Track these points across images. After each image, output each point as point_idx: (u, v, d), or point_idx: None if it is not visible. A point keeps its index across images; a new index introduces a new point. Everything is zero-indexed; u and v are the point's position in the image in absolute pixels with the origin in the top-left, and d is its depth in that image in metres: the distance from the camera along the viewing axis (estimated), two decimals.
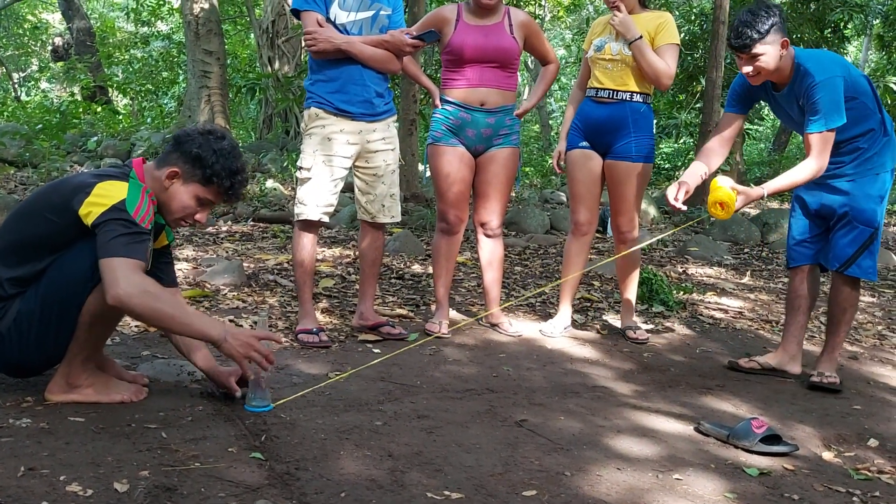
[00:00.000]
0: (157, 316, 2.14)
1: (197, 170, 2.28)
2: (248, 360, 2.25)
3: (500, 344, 3.42)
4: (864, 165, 3.02)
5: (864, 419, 2.78)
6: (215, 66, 10.51)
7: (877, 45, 14.64)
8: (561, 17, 19.42)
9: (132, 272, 2.09)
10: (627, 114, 3.45)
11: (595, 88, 3.49)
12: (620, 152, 3.48)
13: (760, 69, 2.90)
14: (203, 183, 2.29)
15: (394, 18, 3.26)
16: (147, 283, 2.12)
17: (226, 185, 2.31)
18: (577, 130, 3.58)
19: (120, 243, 2.10)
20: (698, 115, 10.73)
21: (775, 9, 2.90)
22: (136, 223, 2.15)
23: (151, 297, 2.10)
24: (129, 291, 2.06)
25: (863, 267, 3.06)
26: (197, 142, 2.28)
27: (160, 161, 2.32)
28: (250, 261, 4.75)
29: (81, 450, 1.95)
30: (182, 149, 2.29)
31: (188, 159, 2.28)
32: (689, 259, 6.21)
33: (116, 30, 19.61)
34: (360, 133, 3.21)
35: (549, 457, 2.18)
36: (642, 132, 3.48)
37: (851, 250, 3.04)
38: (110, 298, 2.07)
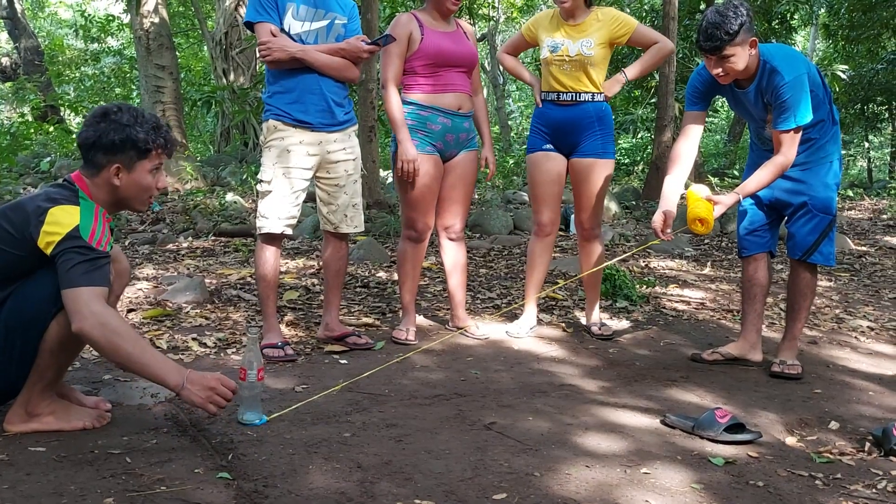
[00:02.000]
0: (115, 351, 2.09)
1: (130, 151, 2.23)
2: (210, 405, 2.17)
3: (468, 347, 3.43)
4: (816, 154, 3.09)
5: (824, 402, 2.84)
6: (169, 81, 10.38)
7: (823, 34, 15.01)
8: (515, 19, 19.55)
9: (94, 302, 2.06)
10: (591, 112, 3.50)
11: (556, 92, 3.51)
12: (588, 150, 3.53)
13: (730, 70, 2.90)
14: (144, 156, 2.25)
15: (349, 27, 3.25)
16: (109, 316, 2.09)
17: (161, 143, 2.28)
18: (539, 133, 3.59)
19: (79, 272, 2.07)
20: (653, 109, 10.89)
21: (743, 7, 2.87)
22: (93, 248, 2.11)
23: (111, 331, 2.07)
24: (91, 323, 2.04)
25: (824, 254, 3.13)
26: (108, 130, 2.22)
27: (89, 168, 2.25)
28: (212, 276, 4.70)
29: (43, 480, 1.92)
30: (99, 146, 2.22)
31: (115, 149, 2.22)
32: (651, 253, 6.28)
33: (65, 47, 19.27)
34: (319, 144, 3.19)
35: (518, 458, 2.19)
36: (607, 129, 3.56)
37: (813, 238, 3.11)
38: (74, 329, 2.06)
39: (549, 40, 3.49)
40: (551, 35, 3.50)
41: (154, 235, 6.33)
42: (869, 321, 4.20)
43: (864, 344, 3.76)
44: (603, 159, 3.54)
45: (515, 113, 22.39)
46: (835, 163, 3.12)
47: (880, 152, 20.44)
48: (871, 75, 14.09)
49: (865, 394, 2.98)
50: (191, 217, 7.14)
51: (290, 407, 2.47)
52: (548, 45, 3.49)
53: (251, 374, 2.35)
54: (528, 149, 3.66)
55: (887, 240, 7.36)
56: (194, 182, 9.25)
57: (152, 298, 4.06)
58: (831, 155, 3.11)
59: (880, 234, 7.92)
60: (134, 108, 2.30)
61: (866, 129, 15.95)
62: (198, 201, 7.84)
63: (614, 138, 3.68)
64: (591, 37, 3.44)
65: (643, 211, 8.68)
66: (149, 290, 4.23)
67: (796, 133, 2.94)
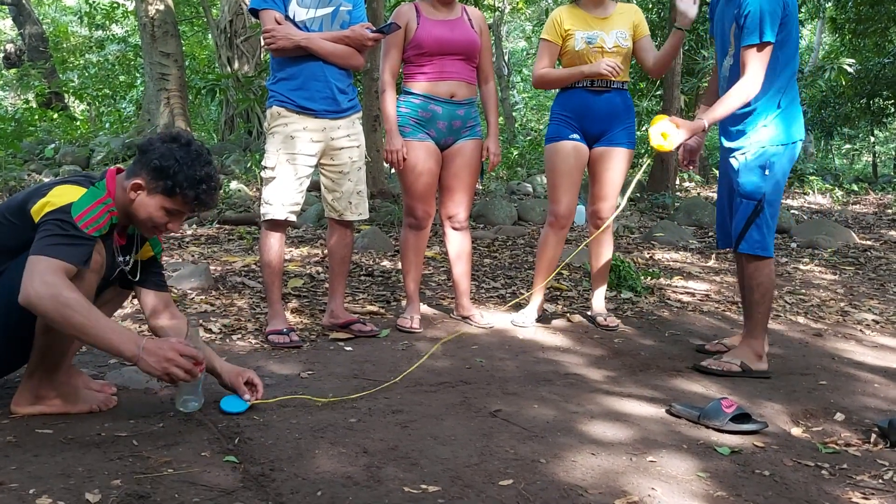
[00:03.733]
0: (66, 323, 2.00)
1: (159, 181, 2.21)
2: (168, 376, 2.11)
3: (473, 336, 3.43)
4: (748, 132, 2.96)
5: (829, 394, 2.84)
6: (173, 69, 10.37)
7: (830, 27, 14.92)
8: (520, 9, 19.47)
9: (50, 273, 1.99)
10: (620, 102, 3.50)
11: (589, 79, 3.47)
12: (615, 140, 3.52)
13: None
14: (167, 194, 2.22)
15: (355, 14, 3.24)
16: (62, 287, 1.99)
17: (190, 196, 2.23)
18: (566, 122, 3.54)
19: (47, 243, 2.03)
20: (659, 101, 10.85)
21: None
22: (76, 227, 2.08)
23: (61, 302, 1.98)
24: (40, 292, 1.96)
25: (749, 241, 2.97)
26: (158, 151, 2.21)
27: (128, 172, 2.27)
28: (217, 263, 4.70)
29: (50, 461, 1.92)
30: (144, 159, 2.23)
31: (150, 171, 2.21)
32: (655, 245, 6.28)
33: (70, 34, 19.24)
34: (323, 130, 3.18)
35: (524, 445, 2.19)
36: (632, 119, 3.57)
37: (739, 225, 2.99)
38: (21, 298, 1.98)
39: (584, 33, 3.44)
40: (584, 29, 3.45)
41: None
42: (874, 314, 4.19)
43: (869, 337, 3.76)
44: (629, 149, 3.57)
45: (520, 104, 22.34)
46: (769, 149, 2.93)
47: (886, 147, 20.40)
48: (877, 69, 14.03)
49: (871, 386, 2.97)
50: None
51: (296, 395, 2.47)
52: (584, 38, 3.44)
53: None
54: (550, 137, 3.60)
55: (892, 234, 7.35)
56: None
57: None
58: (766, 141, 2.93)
59: (885, 228, 7.91)
60: (202, 153, 2.25)
61: (872, 124, 15.90)
62: None
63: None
64: (624, 28, 3.45)
65: (647, 203, 8.67)
66: None
67: (760, 52, 2.82)
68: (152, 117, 10.65)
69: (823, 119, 15.41)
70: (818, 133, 16.47)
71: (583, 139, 3.54)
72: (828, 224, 7.23)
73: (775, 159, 2.95)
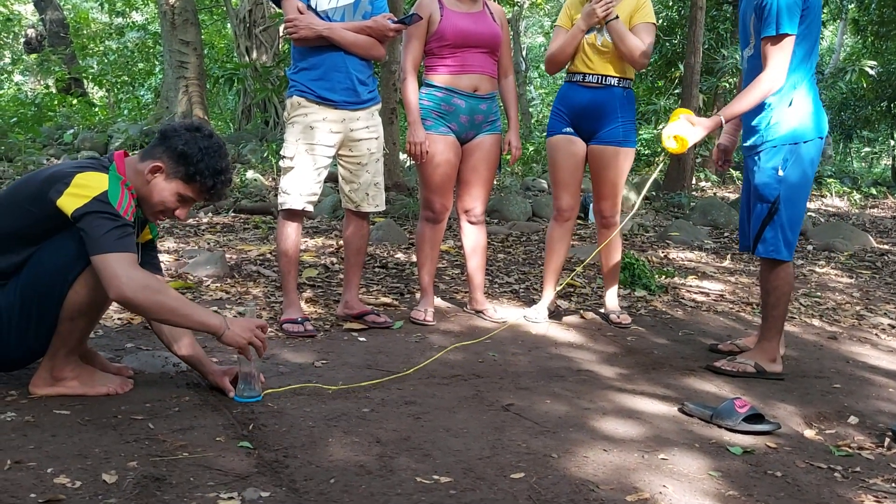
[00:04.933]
0: (161, 309, 2.15)
1: (181, 166, 2.25)
2: (250, 346, 2.28)
3: (486, 330, 3.44)
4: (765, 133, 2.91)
5: (843, 397, 2.83)
6: (192, 57, 10.41)
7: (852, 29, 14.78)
8: (539, 5, 19.40)
9: (130, 267, 2.10)
10: (615, 98, 3.46)
11: (582, 73, 3.47)
12: (608, 137, 3.49)
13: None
14: (186, 180, 2.26)
15: (377, 4, 3.24)
16: (147, 277, 2.14)
17: (208, 185, 2.28)
18: (560, 116, 3.56)
19: (112, 238, 2.08)
20: (677, 100, 10.78)
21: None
22: (121, 216, 2.13)
23: (154, 291, 2.12)
24: (133, 287, 2.07)
25: (764, 244, 2.94)
26: (183, 138, 2.26)
27: (145, 154, 2.30)
28: (232, 252, 4.72)
29: (68, 442, 1.95)
30: (168, 143, 2.26)
31: (173, 155, 2.25)
32: (669, 244, 6.25)
33: (91, 21, 19.35)
34: (343, 121, 3.19)
35: (535, 439, 2.20)
36: (628, 117, 3.51)
37: (755, 228, 2.96)
38: (113, 295, 2.09)
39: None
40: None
41: None
42: (890, 319, 4.16)
43: (885, 341, 3.74)
44: (624, 147, 3.51)
45: (536, 100, 22.27)
46: (781, 147, 2.88)
47: None
48: None
49: (885, 390, 2.96)
50: None
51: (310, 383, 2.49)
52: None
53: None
54: (549, 132, 3.63)
55: None
56: None
57: (173, 271, 4.09)
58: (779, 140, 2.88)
59: None
60: (223, 147, 2.33)
61: (892, 127, 15.74)
62: None
63: (636, 128, 3.65)
64: (624, 21, 3.41)
65: (663, 202, 8.63)
66: (170, 263, 4.26)
67: (778, 44, 2.76)
68: (170, 105, 10.71)
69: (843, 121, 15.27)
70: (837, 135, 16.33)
71: (577, 134, 3.53)
72: (845, 227, 7.17)
73: (790, 157, 2.88)
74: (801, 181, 2.92)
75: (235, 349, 2.30)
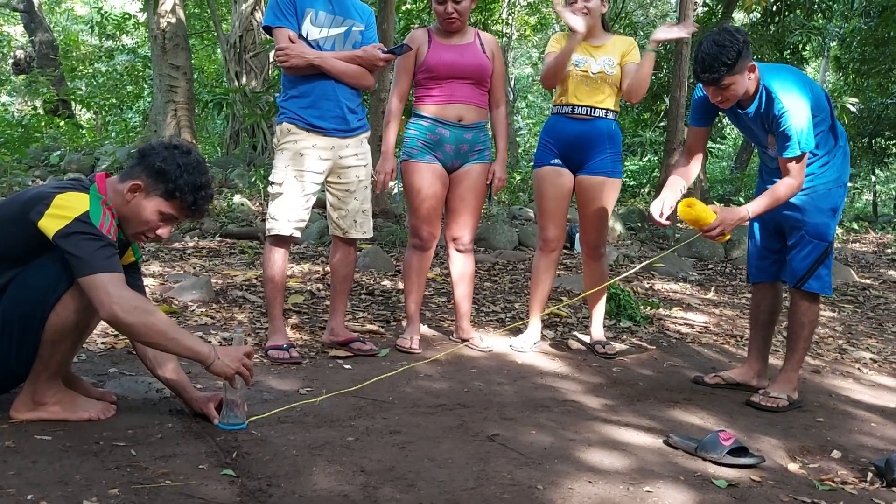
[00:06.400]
0: (151, 331, 2.12)
1: (160, 184, 2.24)
2: (237, 376, 2.26)
3: (471, 359, 3.44)
4: (816, 180, 3.00)
5: (826, 431, 2.84)
6: (182, 81, 10.43)
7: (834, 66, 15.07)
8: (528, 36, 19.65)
9: (120, 287, 2.08)
10: (604, 130, 3.51)
11: (571, 105, 3.51)
12: (596, 168, 3.53)
13: (730, 97, 2.89)
14: (166, 197, 2.25)
15: (367, 34, 3.28)
16: (137, 298, 2.13)
17: (189, 201, 2.27)
18: (547, 147, 3.59)
19: (100, 258, 2.07)
20: (662, 133, 10.93)
21: (739, 34, 2.84)
22: (104, 236, 2.12)
23: (145, 312, 2.11)
24: (125, 307, 2.06)
25: (819, 281, 3.05)
26: (161, 155, 2.24)
27: (124, 175, 2.29)
28: (218, 277, 4.71)
29: (48, 468, 1.92)
30: (145, 162, 2.25)
31: (151, 172, 2.24)
32: (655, 275, 6.29)
33: (80, 43, 19.36)
34: (332, 149, 3.21)
35: (520, 471, 2.19)
36: (616, 148, 3.56)
37: (806, 265, 3.04)
38: (104, 315, 2.07)
39: (574, 56, 3.46)
40: (576, 52, 3.47)
41: None
42: (872, 353, 4.20)
43: (867, 375, 3.77)
44: (611, 178, 3.55)
45: (524, 130, 22.45)
46: (835, 189, 3.03)
47: (886, 187, 20.48)
48: (880, 109, 14.14)
49: (868, 424, 2.98)
50: None
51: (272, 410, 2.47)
52: (573, 60, 3.46)
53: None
54: (536, 163, 3.66)
55: (891, 273, 7.38)
56: None
57: (158, 295, 4.07)
58: (834, 181, 3.02)
59: (884, 267, 7.93)
60: (202, 163, 2.31)
61: (873, 164, 15.98)
62: None
63: (622, 159, 3.69)
64: (613, 56, 3.47)
65: (648, 233, 8.70)
66: (155, 287, 4.24)
67: (801, 158, 2.89)
68: (159, 128, 10.69)
69: None
70: None
71: (564, 165, 3.57)
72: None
73: (841, 201, 3.06)
74: (838, 220, 3.11)
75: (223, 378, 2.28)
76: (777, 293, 3.31)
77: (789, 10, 11.20)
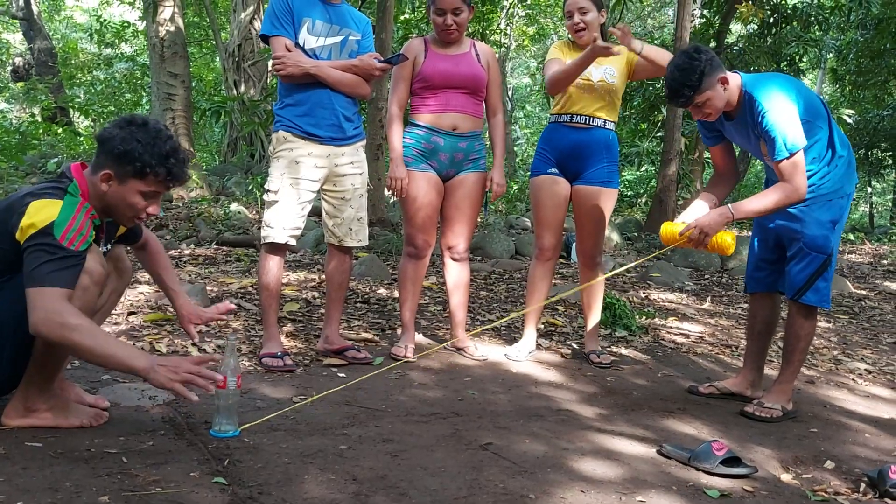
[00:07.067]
0: (75, 348, 2.06)
1: (127, 166, 2.19)
2: (182, 383, 2.12)
3: (466, 368, 3.43)
4: (816, 192, 2.97)
5: (820, 442, 2.84)
6: (180, 89, 10.46)
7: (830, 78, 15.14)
8: (526, 47, 19.72)
9: (53, 302, 2.02)
10: (601, 139, 3.52)
11: (569, 114, 3.52)
12: (593, 177, 3.54)
13: (711, 111, 2.91)
14: (139, 177, 2.21)
15: (363, 44, 3.30)
16: (65, 314, 2.03)
17: (162, 172, 2.22)
18: (545, 157, 3.60)
19: (43, 272, 2.04)
20: (659, 143, 10.96)
21: (700, 54, 2.85)
22: (62, 247, 2.07)
23: (70, 329, 2.02)
24: (49, 324, 2.01)
25: (817, 293, 3.03)
26: (118, 137, 2.20)
27: (94, 166, 2.25)
28: (214, 284, 4.70)
29: (39, 475, 1.91)
30: (106, 148, 2.21)
31: (115, 158, 2.20)
32: (651, 285, 6.29)
33: (79, 51, 19.42)
34: (328, 157, 3.22)
35: (513, 480, 2.19)
36: (613, 158, 3.57)
37: (804, 277, 3.01)
38: (30, 330, 2.03)
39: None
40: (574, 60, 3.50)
41: None
42: (867, 364, 4.20)
43: (861, 386, 3.77)
44: (608, 188, 3.57)
45: (521, 139, 22.51)
46: (837, 200, 2.98)
47: (882, 198, 20.54)
48: (876, 121, 14.21)
49: (861, 435, 2.97)
50: (194, 224, 7.16)
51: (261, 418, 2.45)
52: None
53: (231, 381, 2.31)
54: (533, 172, 3.67)
55: (887, 285, 7.38)
56: (199, 190, 9.29)
57: (153, 302, 4.06)
58: (835, 193, 2.98)
59: (880, 278, 7.94)
60: (161, 130, 2.25)
61: (869, 175, 16.05)
62: (202, 209, 7.87)
63: (619, 169, 3.70)
64: (613, 65, 3.48)
65: (644, 242, 8.71)
66: (150, 294, 4.23)
67: (792, 160, 2.82)
68: None
69: None
70: None
71: (561, 174, 3.57)
72: None
73: (843, 213, 3.01)
74: (841, 232, 3.07)
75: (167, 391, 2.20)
76: (774, 304, 3.31)
77: (786, 21, 11.24)
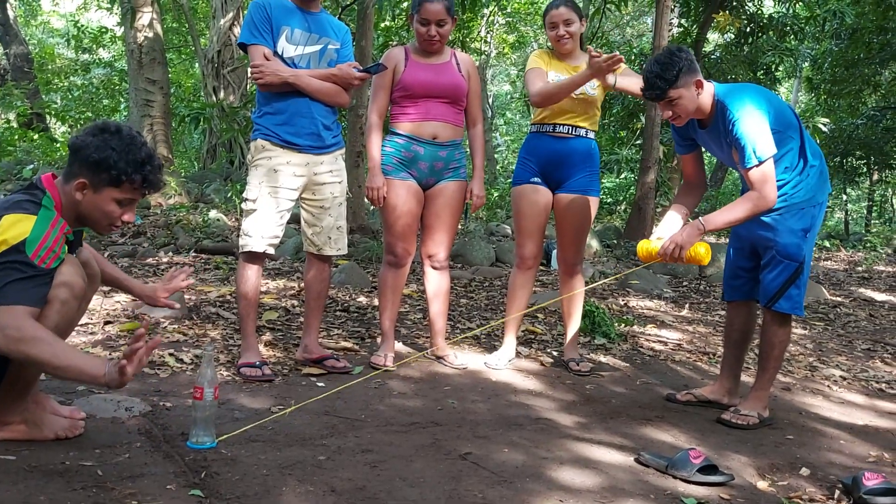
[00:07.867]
0: (33, 361, 2.03)
1: (102, 174, 2.17)
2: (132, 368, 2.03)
3: (446, 376, 3.43)
4: (788, 200, 2.99)
5: (796, 449, 2.87)
6: (158, 95, 10.40)
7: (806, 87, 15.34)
8: (506, 54, 19.81)
9: (15, 319, 1.99)
10: (583, 148, 3.55)
11: (552, 124, 3.54)
12: (576, 186, 3.57)
13: (681, 111, 2.95)
14: (114, 185, 2.19)
15: (342, 52, 3.30)
16: (26, 329, 1.99)
17: (138, 180, 2.20)
18: (527, 165, 3.62)
19: (10, 291, 2.01)
20: (638, 151, 11.04)
21: (682, 53, 2.92)
22: (34, 265, 2.05)
23: (24, 342, 1.98)
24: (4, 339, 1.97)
25: (790, 301, 3.05)
26: (92, 145, 2.17)
27: (66, 175, 2.22)
28: (192, 293, 4.67)
29: (12, 489, 1.89)
30: (80, 157, 2.19)
31: (90, 166, 2.17)
32: (630, 292, 6.33)
33: (56, 56, 19.23)
34: (307, 165, 3.21)
35: (492, 490, 2.19)
36: (595, 167, 3.61)
37: (777, 285, 3.04)
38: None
39: (555, 74, 3.51)
40: (557, 71, 3.53)
41: (134, 248, 6.29)
42: (842, 370, 4.25)
43: (836, 393, 3.81)
44: (589, 196, 3.60)
45: (501, 147, 22.59)
46: (808, 210, 3.00)
47: (857, 205, 20.82)
48: (851, 130, 14.42)
49: (836, 442, 3.01)
50: (172, 232, 7.11)
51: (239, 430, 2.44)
52: (555, 78, 3.49)
53: (208, 392, 2.30)
54: (515, 181, 3.70)
55: (861, 291, 7.49)
56: (178, 197, 9.23)
57: (130, 311, 4.02)
58: (808, 201, 3.00)
59: (855, 285, 8.05)
60: (136, 136, 2.23)
61: (844, 183, 16.27)
62: (180, 217, 7.81)
63: (599, 177, 3.73)
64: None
65: (624, 250, 8.76)
66: (126, 303, 4.19)
67: (761, 168, 2.84)
68: None
69: None
70: None
71: (544, 183, 3.60)
72: None
73: (816, 221, 3.03)
74: (814, 240, 3.10)
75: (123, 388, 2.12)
76: (751, 312, 3.34)
77: (762, 31, 11.40)
